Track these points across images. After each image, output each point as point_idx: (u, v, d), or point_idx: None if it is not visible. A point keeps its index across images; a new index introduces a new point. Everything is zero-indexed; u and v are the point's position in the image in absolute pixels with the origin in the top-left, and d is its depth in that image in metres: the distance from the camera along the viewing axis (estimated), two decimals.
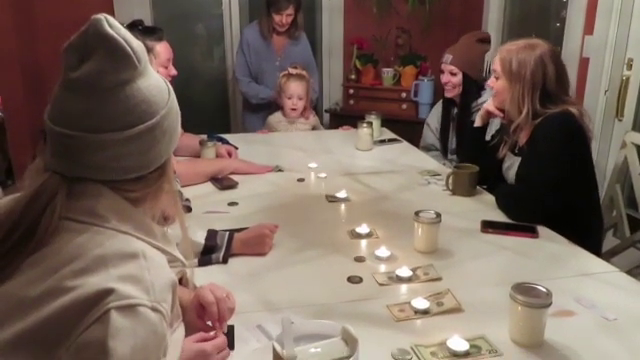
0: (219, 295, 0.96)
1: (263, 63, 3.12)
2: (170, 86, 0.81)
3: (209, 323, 0.97)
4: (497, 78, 1.78)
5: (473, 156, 1.93)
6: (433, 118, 2.62)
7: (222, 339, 0.92)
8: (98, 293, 0.63)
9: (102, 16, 0.71)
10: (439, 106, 2.59)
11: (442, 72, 2.42)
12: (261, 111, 3.09)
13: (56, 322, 0.63)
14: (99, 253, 0.68)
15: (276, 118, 2.87)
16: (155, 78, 0.77)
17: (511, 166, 1.80)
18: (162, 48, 1.95)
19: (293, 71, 2.78)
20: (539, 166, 1.62)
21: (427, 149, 2.63)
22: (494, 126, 2.03)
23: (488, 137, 1.99)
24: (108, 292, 0.64)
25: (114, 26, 0.72)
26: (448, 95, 2.44)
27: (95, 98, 0.70)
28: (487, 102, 1.90)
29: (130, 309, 0.64)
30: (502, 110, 1.83)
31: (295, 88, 2.74)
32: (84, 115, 0.70)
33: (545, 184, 1.59)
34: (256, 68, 3.13)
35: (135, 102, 0.72)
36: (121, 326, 0.63)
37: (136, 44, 0.73)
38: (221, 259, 1.36)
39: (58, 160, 0.72)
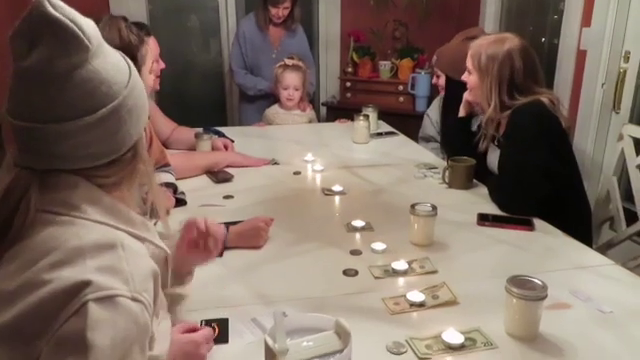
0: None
1: (259, 55, 3.11)
2: (130, 62, 0.77)
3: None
4: (470, 73, 1.80)
5: (458, 147, 1.94)
6: (434, 110, 2.62)
7: (208, 329, 0.93)
8: (75, 285, 0.62)
9: None
10: (440, 99, 2.58)
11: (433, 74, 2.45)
12: (258, 102, 3.08)
13: (35, 316, 0.62)
14: (76, 244, 0.66)
15: (273, 110, 2.87)
16: (113, 56, 0.74)
17: (494, 157, 1.82)
18: (153, 43, 1.93)
19: (289, 62, 2.77)
20: (520, 156, 1.64)
21: (426, 140, 2.63)
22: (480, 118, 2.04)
23: (475, 128, 1.99)
24: (85, 284, 0.63)
25: (58, 7, 0.68)
26: (442, 94, 2.45)
27: (50, 86, 0.67)
28: (466, 93, 1.90)
29: (109, 300, 0.63)
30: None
31: (291, 79, 2.74)
32: (42, 105, 0.68)
33: (531, 173, 1.60)
34: (252, 60, 3.12)
35: (93, 85, 0.69)
36: (100, 318, 0.62)
37: (85, 24, 0.70)
38: None
39: (25, 154, 0.70)
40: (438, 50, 2.40)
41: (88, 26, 0.70)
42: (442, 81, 2.36)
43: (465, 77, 1.83)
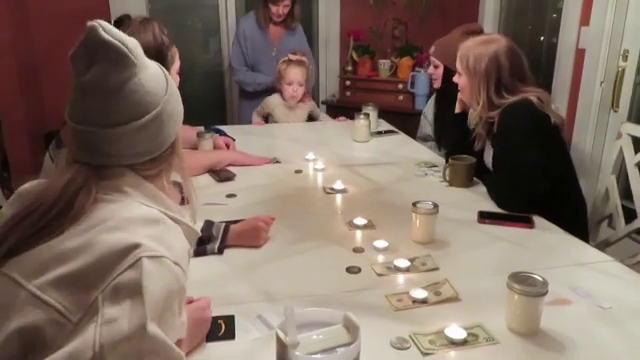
0: None
1: (259, 53, 3.12)
2: (166, 72, 0.89)
3: None
4: (460, 74, 1.84)
5: (455, 142, 1.96)
6: (429, 109, 2.64)
7: (205, 297, 1.06)
8: (129, 245, 0.74)
9: (96, 23, 0.80)
10: (435, 96, 2.60)
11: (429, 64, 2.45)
12: (257, 99, 3.09)
13: (93, 268, 0.72)
14: (127, 216, 0.79)
15: (275, 100, 2.86)
16: (152, 68, 0.86)
17: (490, 155, 1.85)
18: None
19: (293, 57, 2.78)
20: (513, 156, 1.66)
21: (424, 139, 2.64)
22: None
23: (472, 125, 2.01)
24: (137, 245, 0.74)
25: (108, 31, 0.80)
26: (435, 86, 2.47)
27: (104, 97, 0.80)
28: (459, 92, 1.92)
29: (157, 259, 0.75)
30: None
31: (295, 74, 2.74)
32: (97, 113, 0.80)
33: (526, 171, 1.62)
34: (252, 58, 3.13)
35: (139, 96, 0.81)
36: (152, 270, 0.73)
37: (130, 43, 0.82)
38: (216, 250, 1.36)
39: (83, 152, 0.83)
40: (437, 41, 2.42)
41: (133, 45, 0.82)
42: (440, 71, 2.38)
43: (455, 78, 1.88)
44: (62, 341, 0.69)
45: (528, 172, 1.62)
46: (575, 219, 1.76)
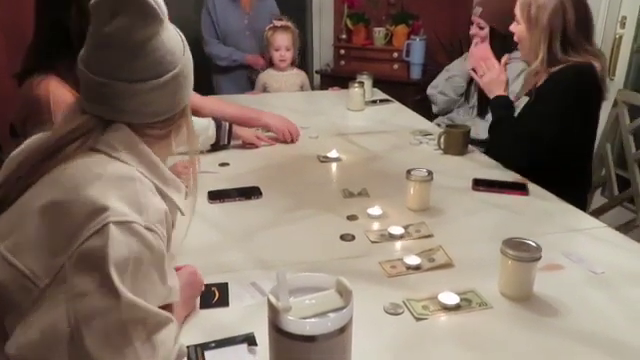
0: None
1: (231, 22, 3.04)
2: (181, 33, 0.88)
3: None
4: (518, 23, 1.72)
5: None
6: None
7: (191, 265, 1.03)
8: (96, 208, 0.70)
9: None
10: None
11: (471, 24, 2.34)
12: (232, 73, 3.04)
13: (57, 232, 0.70)
14: (98, 171, 0.75)
15: (267, 74, 2.87)
16: (172, 29, 0.85)
17: (484, 128, 1.80)
18: None
19: (278, 23, 2.82)
20: (543, 116, 1.60)
21: (450, 77, 2.52)
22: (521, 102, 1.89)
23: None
24: (105, 208, 0.70)
25: None
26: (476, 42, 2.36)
27: (127, 52, 0.78)
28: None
29: (126, 225, 0.71)
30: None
31: (282, 40, 2.78)
32: (118, 66, 0.78)
33: (542, 144, 1.60)
34: (224, 28, 3.04)
35: (161, 54, 0.80)
36: (118, 238, 0.70)
37: None
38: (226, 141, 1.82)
39: (95, 105, 0.81)
40: (481, 0, 2.32)
41: (161, 0, 0.80)
42: (485, 32, 2.26)
43: (513, 27, 1.75)
44: (29, 305, 0.69)
45: (544, 145, 1.58)
46: (580, 193, 1.74)
